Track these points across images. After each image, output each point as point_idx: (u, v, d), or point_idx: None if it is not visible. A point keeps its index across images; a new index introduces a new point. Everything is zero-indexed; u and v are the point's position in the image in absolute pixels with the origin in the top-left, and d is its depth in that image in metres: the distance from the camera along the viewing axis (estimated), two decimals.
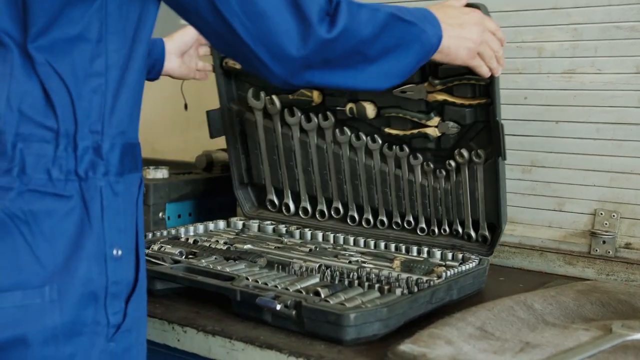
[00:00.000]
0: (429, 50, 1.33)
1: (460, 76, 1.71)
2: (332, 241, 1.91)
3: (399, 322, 1.34)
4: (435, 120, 1.79)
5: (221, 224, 2.07)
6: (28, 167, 1.06)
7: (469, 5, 1.54)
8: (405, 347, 1.21)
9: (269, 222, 2.06)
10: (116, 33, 1.11)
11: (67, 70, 1.08)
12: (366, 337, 1.29)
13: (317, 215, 2.03)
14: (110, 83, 1.11)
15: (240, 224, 2.08)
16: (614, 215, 1.81)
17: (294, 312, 1.30)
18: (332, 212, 2.02)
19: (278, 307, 1.31)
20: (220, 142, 2.90)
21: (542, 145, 1.89)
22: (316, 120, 1.97)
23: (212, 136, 2.13)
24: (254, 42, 1.11)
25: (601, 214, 1.83)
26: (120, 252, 1.14)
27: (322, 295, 1.36)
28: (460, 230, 1.82)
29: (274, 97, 2.01)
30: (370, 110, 1.87)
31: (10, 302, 1.04)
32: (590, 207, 1.85)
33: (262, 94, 2.02)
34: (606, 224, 1.82)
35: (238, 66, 2.03)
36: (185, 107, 2.98)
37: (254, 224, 2.06)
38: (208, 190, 2.45)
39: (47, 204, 1.06)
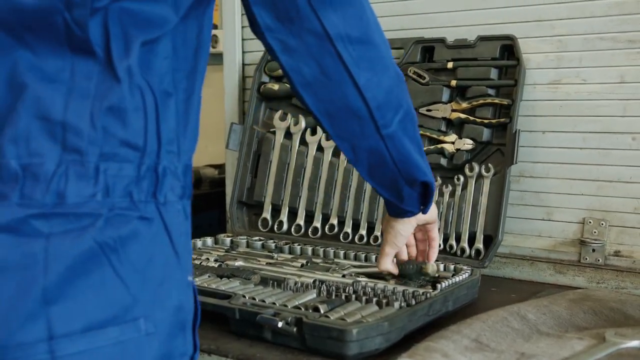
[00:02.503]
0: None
1: (486, 96, 1.87)
2: (322, 255, 1.92)
3: (399, 335, 1.34)
4: (453, 137, 1.91)
5: (209, 241, 2.08)
6: (111, 190, 0.96)
7: (500, 37, 1.90)
8: None
9: (257, 238, 2.07)
10: (184, 54, 1.05)
11: (156, 86, 1.01)
12: (368, 351, 1.28)
13: (310, 233, 2.06)
14: (180, 103, 1.05)
15: (228, 240, 2.08)
16: (602, 224, 1.83)
17: (295, 329, 1.30)
18: (327, 229, 2.04)
19: (280, 324, 1.30)
20: (209, 158, 2.90)
21: (529, 155, 1.91)
22: None
23: (227, 147, 2.22)
24: None
25: (590, 222, 1.85)
26: (191, 278, 1.07)
27: (322, 311, 1.36)
28: (455, 245, 1.85)
29: (300, 116, 2.11)
30: None
31: (105, 340, 0.94)
32: (579, 216, 1.87)
33: (289, 116, 2.13)
34: (595, 232, 1.84)
35: (276, 87, 2.18)
36: None
37: (242, 240, 2.06)
38: (196, 206, 2.44)
39: (133, 228, 0.97)
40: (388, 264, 1.57)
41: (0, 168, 0.93)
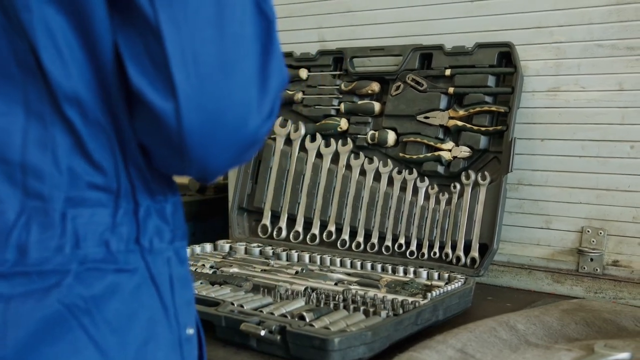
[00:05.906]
0: None
1: (483, 103, 1.86)
2: (318, 263, 1.92)
3: (384, 344, 1.34)
4: (450, 144, 1.91)
5: (208, 247, 2.08)
6: (82, 240, 0.83)
7: (497, 44, 1.88)
8: None
9: (255, 244, 2.08)
10: None
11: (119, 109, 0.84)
12: None
13: (308, 239, 2.06)
14: None
15: (227, 246, 2.08)
16: (600, 233, 1.81)
17: (278, 338, 1.30)
18: (325, 236, 2.05)
19: (262, 332, 1.30)
20: None
21: (528, 163, 1.90)
22: (335, 145, 2.07)
23: None
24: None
25: (588, 231, 1.83)
26: (191, 331, 0.93)
27: (307, 320, 1.36)
28: (450, 253, 1.84)
29: (300, 123, 2.13)
30: (391, 137, 1.99)
31: None
32: (577, 225, 1.85)
33: (289, 122, 2.15)
34: (593, 241, 1.82)
35: None
36: None
37: (241, 247, 2.07)
38: (202, 212, 2.47)
39: (110, 282, 0.84)
40: None
41: None
